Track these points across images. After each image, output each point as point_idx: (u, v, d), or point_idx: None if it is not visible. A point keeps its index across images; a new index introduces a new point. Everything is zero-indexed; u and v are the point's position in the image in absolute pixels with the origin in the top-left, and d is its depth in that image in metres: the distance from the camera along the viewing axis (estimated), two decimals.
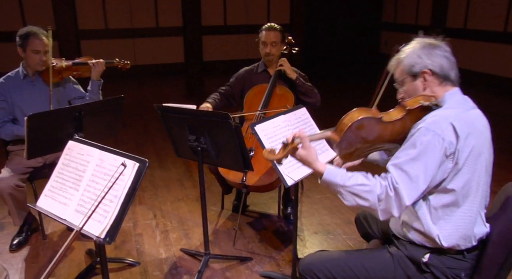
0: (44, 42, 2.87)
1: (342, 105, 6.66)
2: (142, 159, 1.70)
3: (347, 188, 1.57)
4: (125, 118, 5.27)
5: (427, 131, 1.56)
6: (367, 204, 1.56)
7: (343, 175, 1.59)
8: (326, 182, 1.61)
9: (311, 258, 1.87)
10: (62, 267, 2.71)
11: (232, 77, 3.33)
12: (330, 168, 1.61)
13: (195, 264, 2.72)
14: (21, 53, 2.90)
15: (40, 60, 2.87)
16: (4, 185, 2.70)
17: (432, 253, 1.67)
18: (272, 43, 3.14)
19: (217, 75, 9.34)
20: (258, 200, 3.57)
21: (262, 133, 2.15)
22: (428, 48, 1.70)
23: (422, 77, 1.70)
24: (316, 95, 3.18)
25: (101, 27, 8.95)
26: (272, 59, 3.17)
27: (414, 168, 1.54)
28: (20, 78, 2.93)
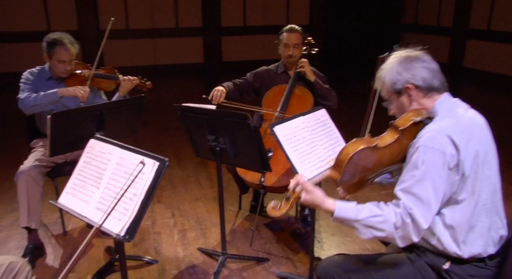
0: (70, 52, 2.90)
1: (361, 107, 6.61)
2: (162, 158, 1.71)
3: (361, 222, 1.54)
4: (145, 118, 5.32)
5: (426, 149, 1.53)
6: (384, 234, 1.54)
7: (355, 209, 1.56)
8: (338, 219, 1.58)
9: (329, 261, 1.85)
10: (82, 263, 2.75)
11: (250, 73, 3.33)
12: (340, 204, 1.58)
13: (212, 263, 2.73)
14: (46, 59, 2.95)
15: (64, 69, 2.92)
16: (22, 175, 2.71)
17: (452, 261, 1.64)
18: (294, 45, 3.14)
19: (236, 75, 9.37)
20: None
21: (281, 134, 2.14)
22: (406, 62, 1.67)
23: (406, 93, 1.68)
24: (334, 98, 3.16)
25: (122, 28, 9.07)
26: (294, 61, 3.18)
27: (423, 189, 1.52)
28: (45, 77, 2.99)
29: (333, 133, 2.40)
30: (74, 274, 2.64)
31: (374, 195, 3.36)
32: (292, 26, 3.19)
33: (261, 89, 3.24)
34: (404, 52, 1.72)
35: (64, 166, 2.97)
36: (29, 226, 2.73)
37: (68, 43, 2.89)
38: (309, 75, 3.10)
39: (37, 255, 2.79)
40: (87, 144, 1.99)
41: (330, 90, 3.16)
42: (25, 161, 2.83)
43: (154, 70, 9.17)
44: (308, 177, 2.07)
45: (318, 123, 2.37)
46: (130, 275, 2.56)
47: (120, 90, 3.04)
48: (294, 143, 2.16)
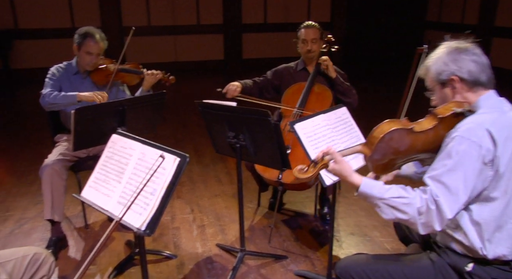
0: (99, 46, 2.97)
1: (382, 106, 6.54)
2: (183, 153, 1.72)
3: (385, 201, 1.54)
4: (165, 114, 5.37)
5: (462, 139, 1.50)
6: (406, 217, 1.52)
7: (381, 187, 1.55)
8: (363, 194, 1.58)
9: (348, 260, 1.84)
10: (103, 256, 2.79)
11: (270, 71, 3.34)
12: (367, 180, 1.59)
13: (231, 259, 2.75)
14: (75, 51, 3.01)
15: (91, 61, 2.99)
16: (47, 168, 2.77)
17: (476, 262, 1.60)
18: (312, 40, 3.15)
19: (255, 73, 9.37)
20: (294, 199, 3.56)
21: (302, 132, 2.13)
22: (454, 53, 1.63)
23: (451, 85, 1.64)
24: (354, 95, 3.14)
25: (144, 24, 9.16)
26: (313, 56, 3.18)
27: (453, 179, 1.49)
28: (72, 72, 3.06)
29: (354, 131, 2.38)
30: (95, 267, 2.69)
31: None
32: (309, 22, 3.21)
33: (281, 87, 3.24)
34: (455, 43, 1.68)
35: (86, 160, 3.02)
36: (52, 219, 2.79)
37: (98, 38, 2.97)
38: (331, 71, 3.08)
39: (60, 247, 2.85)
40: (110, 138, 2.02)
41: (351, 88, 3.14)
42: (50, 155, 2.89)
43: (175, 67, 9.22)
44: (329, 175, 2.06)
45: (339, 121, 2.35)
46: (150, 269, 2.59)
47: (144, 85, 3.08)
48: (315, 141, 2.15)
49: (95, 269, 2.67)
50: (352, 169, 1.61)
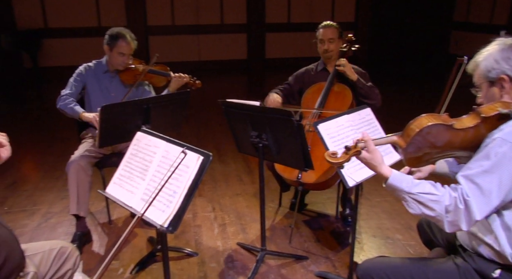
0: (130, 46, 3.04)
1: (406, 108, 6.44)
2: (206, 152, 1.73)
3: (412, 195, 1.51)
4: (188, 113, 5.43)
5: (504, 142, 1.45)
6: (433, 214, 1.49)
7: (409, 181, 1.53)
8: (391, 186, 1.56)
9: (370, 263, 1.82)
10: (125, 251, 2.84)
11: (291, 76, 3.35)
12: (396, 173, 1.56)
13: (251, 258, 2.75)
14: (106, 51, 3.07)
15: (123, 62, 3.05)
16: (73, 164, 2.83)
17: (503, 269, 1.56)
18: (329, 40, 3.14)
19: (278, 72, 9.37)
20: (316, 199, 3.54)
21: (325, 132, 2.12)
22: (508, 51, 1.56)
23: (499, 84, 1.57)
24: (377, 95, 3.10)
25: (168, 24, 9.26)
26: (331, 55, 3.16)
27: (487, 181, 1.44)
28: (101, 71, 3.12)
29: (378, 133, 2.35)
30: (117, 262, 2.73)
31: None
32: (327, 22, 3.20)
33: (304, 90, 3.24)
34: (510, 39, 1.60)
35: (111, 157, 3.08)
36: (77, 214, 2.85)
37: (130, 38, 3.03)
38: (350, 74, 3.04)
39: (84, 242, 2.91)
40: (135, 136, 2.05)
41: (373, 88, 3.10)
42: (76, 151, 2.95)
43: (198, 66, 9.30)
44: (352, 176, 2.04)
45: (362, 122, 2.33)
46: (171, 266, 2.61)
47: (170, 86, 3.13)
48: (338, 141, 2.13)
49: (118, 264, 2.71)
50: (382, 159, 1.58)
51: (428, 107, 2.06)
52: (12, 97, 7.57)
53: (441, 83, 1.91)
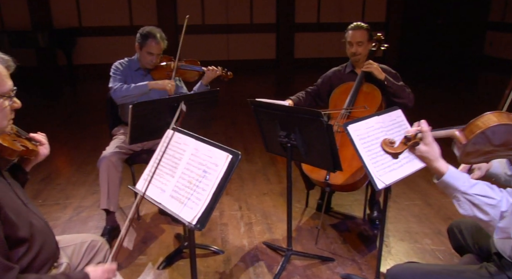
0: (160, 46, 3.08)
1: (439, 110, 6.30)
2: (235, 151, 1.74)
3: (467, 196, 1.44)
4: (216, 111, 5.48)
5: None
6: (486, 218, 1.42)
7: (466, 181, 1.45)
8: (444, 183, 1.47)
9: (400, 268, 1.78)
10: (153, 247, 2.89)
11: (320, 78, 3.33)
12: (453, 170, 1.48)
13: (277, 258, 2.75)
14: (137, 49, 3.13)
15: (151, 61, 3.11)
16: (104, 160, 2.89)
17: None
18: (358, 43, 3.08)
19: (307, 72, 9.32)
20: (343, 201, 3.51)
21: (355, 133, 2.10)
22: None
23: None
24: (408, 95, 3.04)
25: (198, 23, 9.35)
26: (359, 59, 3.12)
27: None
28: (134, 68, 3.18)
29: None
30: (145, 257, 2.78)
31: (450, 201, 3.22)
32: (357, 24, 3.13)
33: (332, 90, 3.21)
34: None
35: (141, 154, 3.13)
36: (108, 208, 2.91)
37: (160, 38, 3.06)
38: (377, 74, 3.00)
39: (113, 236, 2.97)
40: (165, 134, 2.07)
41: (404, 87, 3.05)
42: (107, 147, 3.02)
43: (227, 65, 9.32)
44: (382, 178, 2.01)
45: (393, 124, 2.29)
46: (197, 263, 2.63)
47: (204, 79, 3.17)
48: (368, 143, 2.11)
49: (146, 259, 2.76)
50: (439, 153, 1.50)
51: (462, 110, 2.01)
52: (47, 93, 7.80)
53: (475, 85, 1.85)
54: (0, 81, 1.35)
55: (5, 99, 1.37)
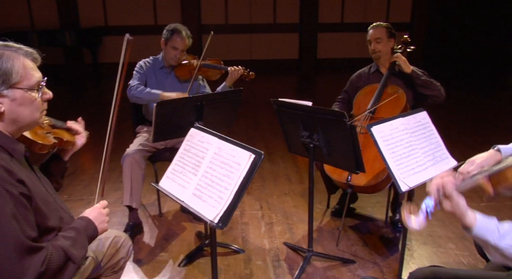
0: (184, 42, 3.12)
1: (466, 113, 6.18)
2: (258, 151, 1.75)
3: (499, 251, 1.37)
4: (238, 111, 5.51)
5: None
6: None
7: (495, 232, 1.37)
8: (474, 237, 1.42)
9: (423, 272, 1.75)
10: (174, 244, 2.92)
11: (347, 83, 3.34)
12: (481, 222, 1.39)
13: (297, 259, 2.75)
14: (162, 45, 3.18)
15: (175, 56, 3.14)
16: (128, 158, 2.94)
17: None
18: (376, 40, 3.09)
19: (330, 73, 9.27)
20: (365, 203, 3.48)
21: (379, 135, 2.08)
22: None
23: None
24: (438, 87, 3.02)
25: (221, 23, 9.40)
26: (379, 56, 3.12)
27: None
28: (158, 67, 3.22)
29: (434, 137, 2.27)
30: (166, 254, 2.81)
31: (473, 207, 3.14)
32: (377, 23, 3.16)
33: None
34: None
35: (164, 152, 3.16)
36: (130, 205, 2.95)
37: (185, 34, 3.12)
38: (404, 66, 2.99)
39: (135, 232, 3.01)
40: (188, 132, 2.09)
41: (433, 81, 3.02)
42: (131, 145, 3.06)
43: (249, 65, 9.34)
44: (405, 181, 1.98)
45: (418, 126, 2.26)
46: (218, 262, 2.63)
47: (227, 80, 3.18)
48: (392, 145, 2.09)
49: (167, 256, 2.79)
50: (466, 208, 1.42)
51: (493, 113, 1.96)
52: (73, 90, 7.97)
53: (505, 86, 1.81)
54: (26, 74, 1.37)
55: (34, 92, 1.39)
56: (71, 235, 1.43)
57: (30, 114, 1.40)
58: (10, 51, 1.36)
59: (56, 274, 1.31)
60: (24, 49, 1.40)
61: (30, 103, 1.39)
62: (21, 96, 1.36)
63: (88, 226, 1.53)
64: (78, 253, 1.39)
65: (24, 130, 1.47)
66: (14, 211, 1.22)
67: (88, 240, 1.50)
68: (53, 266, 1.29)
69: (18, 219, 1.23)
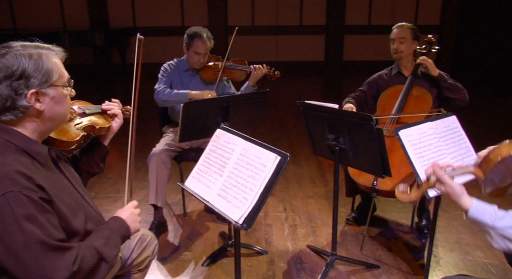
0: (206, 46, 3.12)
1: (495, 118, 6.03)
2: (284, 152, 1.75)
3: (497, 230, 1.39)
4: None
5: None
6: None
7: (493, 214, 1.41)
8: (472, 219, 1.46)
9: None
10: (198, 244, 2.94)
11: (365, 83, 3.28)
12: (478, 205, 1.45)
13: (320, 262, 2.73)
14: (184, 50, 3.21)
15: (199, 60, 3.16)
16: (154, 157, 2.97)
17: None
18: (400, 39, 3.04)
19: (356, 75, 9.18)
20: (390, 208, 3.43)
21: (406, 139, 2.05)
22: None
23: None
24: (463, 91, 2.97)
25: (248, 24, 9.44)
26: (401, 56, 3.06)
27: None
28: (183, 69, 3.25)
29: (463, 142, 2.22)
30: (190, 253, 2.84)
31: None
32: (402, 23, 3.12)
33: (378, 95, 3.14)
34: None
35: (189, 152, 3.20)
36: (156, 204, 3.00)
37: (206, 38, 3.11)
38: (431, 69, 2.94)
39: (160, 231, 3.05)
40: (215, 133, 2.11)
41: (456, 84, 2.97)
42: (157, 145, 3.10)
43: (275, 67, 9.36)
44: None
45: (447, 131, 2.21)
46: (241, 262, 2.66)
47: (250, 80, 3.18)
48: (420, 149, 2.05)
49: (190, 255, 2.81)
50: (462, 190, 1.49)
51: None
52: (102, 89, 8.14)
53: None
54: (61, 72, 1.40)
55: (65, 89, 1.42)
56: (103, 235, 1.43)
57: (64, 112, 1.43)
58: (46, 51, 1.38)
59: (89, 273, 1.30)
60: (55, 48, 1.43)
61: (64, 100, 1.42)
62: (59, 94, 1.39)
63: (121, 225, 1.54)
64: (110, 252, 1.39)
65: (52, 131, 1.48)
66: (34, 214, 1.21)
67: (121, 240, 1.51)
68: (85, 266, 1.28)
69: (39, 222, 1.22)
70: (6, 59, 1.30)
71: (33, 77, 1.31)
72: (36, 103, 1.33)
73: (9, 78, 1.29)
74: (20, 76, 1.30)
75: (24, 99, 1.31)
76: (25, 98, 1.31)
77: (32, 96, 1.32)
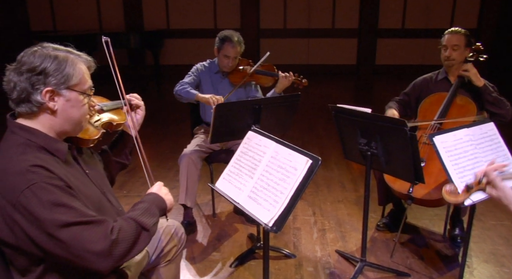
0: (236, 50, 3.15)
1: None
2: (316, 156, 1.74)
3: None
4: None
5: None
6: None
7: None
8: None
9: None
10: (226, 245, 2.96)
11: (409, 86, 3.19)
12: None
13: (349, 268, 2.70)
14: (215, 53, 3.24)
15: (228, 64, 3.19)
16: (185, 157, 3.02)
17: None
18: (453, 47, 2.92)
19: (388, 80, 9.04)
20: (422, 215, 3.36)
21: (441, 145, 2.00)
22: None
23: None
24: (507, 107, 2.84)
25: (279, 27, 9.44)
26: (453, 64, 2.95)
27: None
28: (213, 71, 3.29)
29: (502, 150, 2.15)
30: (218, 254, 2.86)
31: None
32: (456, 28, 2.98)
33: (420, 99, 3.07)
34: None
35: (220, 153, 3.22)
36: (185, 204, 3.03)
37: (236, 42, 3.13)
38: (475, 80, 2.83)
39: (189, 231, 3.08)
40: (246, 135, 2.12)
41: (501, 99, 2.85)
42: (188, 145, 3.14)
43: (306, 70, 9.31)
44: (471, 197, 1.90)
45: (484, 138, 2.15)
46: (269, 265, 2.66)
47: (277, 86, 3.18)
48: (455, 156, 2.00)
49: (219, 256, 2.83)
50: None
51: None
52: (136, 90, 8.29)
53: None
54: (83, 79, 1.46)
55: (85, 97, 1.48)
56: (139, 207, 1.52)
57: (79, 117, 1.48)
58: (74, 56, 1.45)
59: (131, 243, 1.35)
60: (84, 56, 1.50)
61: (81, 107, 1.47)
62: (75, 98, 1.44)
63: (155, 197, 1.66)
64: (148, 220, 1.46)
65: (70, 134, 1.52)
66: (61, 198, 1.27)
67: (158, 211, 1.60)
68: (125, 234, 1.34)
69: (67, 204, 1.27)
70: (34, 56, 1.38)
71: (51, 76, 1.38)
72: (50, 102, 1.40)
73: (30, 72, 1.36)
74: (40, 73, 1.37)
75: (39, 95, 1.37)
76: (40, 94, 1.37)
77: (47, 94, 1.38)
